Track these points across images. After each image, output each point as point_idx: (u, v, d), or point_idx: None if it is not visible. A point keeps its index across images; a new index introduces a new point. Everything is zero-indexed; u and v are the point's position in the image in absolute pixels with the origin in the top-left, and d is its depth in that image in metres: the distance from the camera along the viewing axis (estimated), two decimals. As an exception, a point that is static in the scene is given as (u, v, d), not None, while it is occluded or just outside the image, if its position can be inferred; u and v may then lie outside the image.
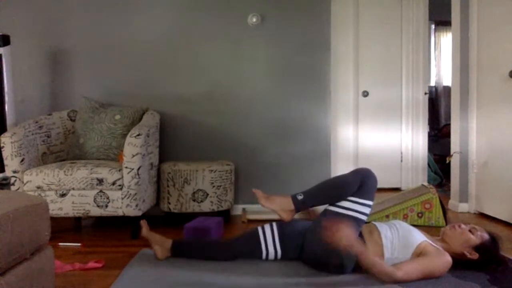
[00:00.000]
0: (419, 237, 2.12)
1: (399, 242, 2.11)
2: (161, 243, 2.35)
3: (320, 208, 2.32)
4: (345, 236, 1.88)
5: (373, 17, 4.77)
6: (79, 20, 3.66)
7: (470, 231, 2.15)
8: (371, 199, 2.14)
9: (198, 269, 2.19)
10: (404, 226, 2.18)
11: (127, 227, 3.03)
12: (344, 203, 2.12)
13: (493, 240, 2.15)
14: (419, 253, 2.06)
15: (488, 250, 2.11)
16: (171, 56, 3.68)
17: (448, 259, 2.04)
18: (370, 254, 1.96)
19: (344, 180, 2.17)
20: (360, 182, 2.13)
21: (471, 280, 2.03)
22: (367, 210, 2.12)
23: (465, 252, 2.11)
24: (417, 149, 4.83)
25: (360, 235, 2.15)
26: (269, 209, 2.20)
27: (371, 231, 2.19)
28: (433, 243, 2.12)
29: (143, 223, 2.42)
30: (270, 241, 2.26)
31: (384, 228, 2.18)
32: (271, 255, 2.27)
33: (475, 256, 2.10)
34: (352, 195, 2.12)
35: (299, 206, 2.18)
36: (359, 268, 2.10)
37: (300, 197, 2.18)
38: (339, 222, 1.93)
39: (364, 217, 2.12)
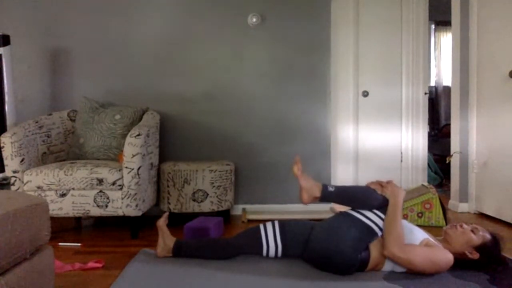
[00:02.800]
0: (420, 235, 2.13)
1: None
2: (166, 239, 2.36)
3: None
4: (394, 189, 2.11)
5: (373, 17, 4.75)
6: (79, 20, 3.66)
7: (472, 231, 2.14)
8: None
9: (198, 269, 2.19)
10: (405, 225, 2.18)
11: (127, 227, 3.03)
12: (367, 212, 2.14)
13: (495, 241, 2.14)
14: None
15: (489, 251, 2.11)
16: (171, 56, 3.68)
17: (450, 256, 2.05)
18: (401, 209, 2.11)
19: (378, 194, 2.18)
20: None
21: (471, 280, 2.03)
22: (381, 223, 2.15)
23: (466, 252, 2.11)
24: (417, 149, 4.82)
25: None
26: (298, 180, 2.22)
27: None
28: (435, 241, 2.12)
29: (165, 215, 2.44)
30: (271, 235, 2.26)
31: None
32: (272, 250, 2.26)
33: (476, 256, 2.10)
34: (378, 209, 2.14)
35: (326, 196, 2.21)
36: (362, 269, 2.10)
37: (330, 189, 2.21)
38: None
39: (379, 231, 2.13)
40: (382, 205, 2.14)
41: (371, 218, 2.12)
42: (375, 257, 2.10)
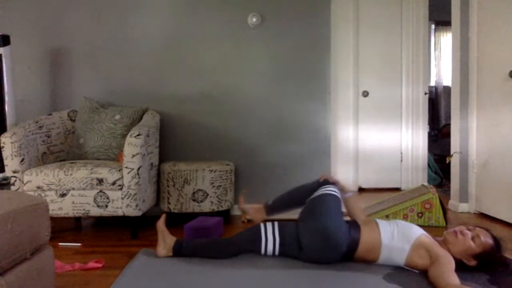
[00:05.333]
0: (418, 231, 2.13)
1: (398, 232, 2.12)
2: (166, 239, 2.37)
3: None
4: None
5: (373, 17, 4.76)
6: (79, 20, 3.66)
7: (473, 238, 2.11)
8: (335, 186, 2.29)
9: (199, 269, 2.19)
10: (404, 223, 2.19)
11: (127, 227, 3.03)
12: (314, 194, 2.25)
13: (496, 246, 2.10)
14: (418, 245, 2.06)
15: (488, 258, 2.09)
16: (171, 56, 3.68)
17: (452, 260, 2.02)
18: None
19: (307, 183, 2.37)
20: (322, 181, 2.32)
21: (471, 280, 2.03)
22: (336, 190, 2.25)
23: (463, 259, 2.10)
24: (417, 149, 4.83)
25: (355, 223, 2.19)
26: (244, 210, 2.53)
27: (368, 221, 2.21)
28: (432, 238, 2.12)
29: (164, 216, 2.44)
30: (270, 231, 2.28)
31: (383, 223, 2.20)
32: (270, 245, 2.26)
33: (473, 263, 2.09)
34: (316, 190, 2.26)
35: (270, 210, 2.43)
36: (354, 248, 2.11)
37: (269, 203, 2.45)
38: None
39: (337, 194, 2.22)
40: (314, 186, 2.28)
41: (320, 191, 2.23)
42: (366, 238, 2.12)
